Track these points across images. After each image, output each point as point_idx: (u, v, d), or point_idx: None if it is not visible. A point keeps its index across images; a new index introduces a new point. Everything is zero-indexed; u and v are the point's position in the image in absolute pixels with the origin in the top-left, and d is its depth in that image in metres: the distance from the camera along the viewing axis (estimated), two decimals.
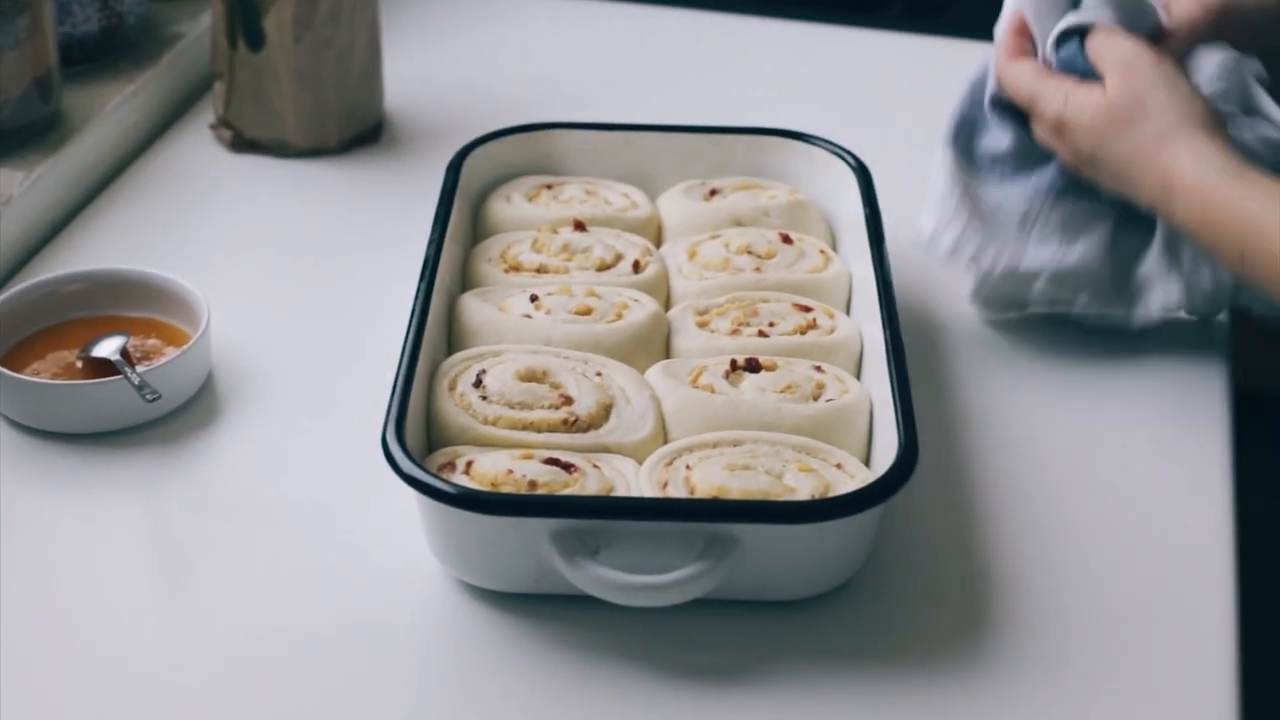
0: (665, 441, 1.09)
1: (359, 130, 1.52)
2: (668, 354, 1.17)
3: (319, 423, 1.19)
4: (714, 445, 1.06)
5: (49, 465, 1.14)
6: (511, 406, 1.08)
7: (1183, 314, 1.24)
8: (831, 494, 1.02)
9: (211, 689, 0.98)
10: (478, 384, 1.09)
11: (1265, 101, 1.22)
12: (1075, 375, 1.24)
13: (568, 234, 1.25)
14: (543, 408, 1.08)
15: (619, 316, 1.17)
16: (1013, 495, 1.12)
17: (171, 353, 1.18)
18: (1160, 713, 0.98)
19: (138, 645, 1.01)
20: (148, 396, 1.12)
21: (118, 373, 1.15)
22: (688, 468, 1.04)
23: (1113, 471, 1.15)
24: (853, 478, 1.04)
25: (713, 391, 1.10)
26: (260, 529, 1.09)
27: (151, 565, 1.07)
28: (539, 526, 0.98)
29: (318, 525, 1.09)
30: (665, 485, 1.03)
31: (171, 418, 1.18)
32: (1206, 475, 1.14)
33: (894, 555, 1.07)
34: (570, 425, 1.07)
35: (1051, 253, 1.21)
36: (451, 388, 1.10)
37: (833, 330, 1.17)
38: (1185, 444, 1.17)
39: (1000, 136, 1.23)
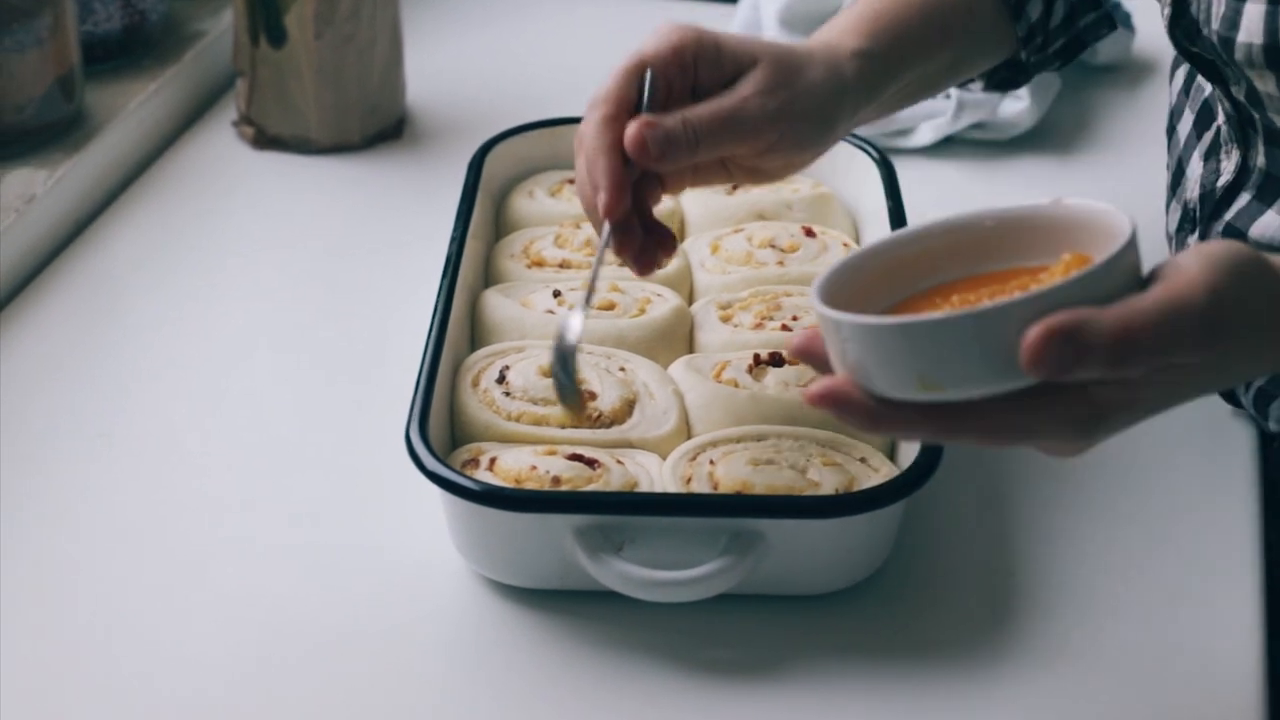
0: (689, 437, 1.08)
1: (381, 126, 1.52)
2: (691, 349, 1.17)
3: (342, 420, 1.19)
4: (738, 440, 1.06)
5: None
6: (534, 402, 1.08)
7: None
8: (856, 489, 1.01)
9: (232, 686, 0.98)
10: (501, 380, 1.09)
11: None
12: None
13: (590, 229, 1.25)
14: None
15: (642, 311, 1.17)
16: (1038, 488, 1.12)
17: None
18: (1187, 705, 0.97)
19: (154, 642, 1.01)
20: None
21: None
22: (711, 463, 1.04)
23: (1141, 463, 1.14)
24: (877, 472, 1.03)
25: (736, 386, 1.10)
26: (282, 525, 1.09)
27: (167, 561, 1.07)
28: (563, 523, 0.98)
29: (341, 522, 1.10)
30: (689, 481, 1.03)
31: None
32: (1234, 465, 1.14)
33: (918, 549, 1.07)
34: (594, 421, 1.07)
35: None
36: (474, 384, 1.10)
37: None
38: (1213, 434, 1.16)
39: None
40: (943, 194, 1.43)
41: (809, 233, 1.25)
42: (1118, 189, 1.41)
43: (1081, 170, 1.48)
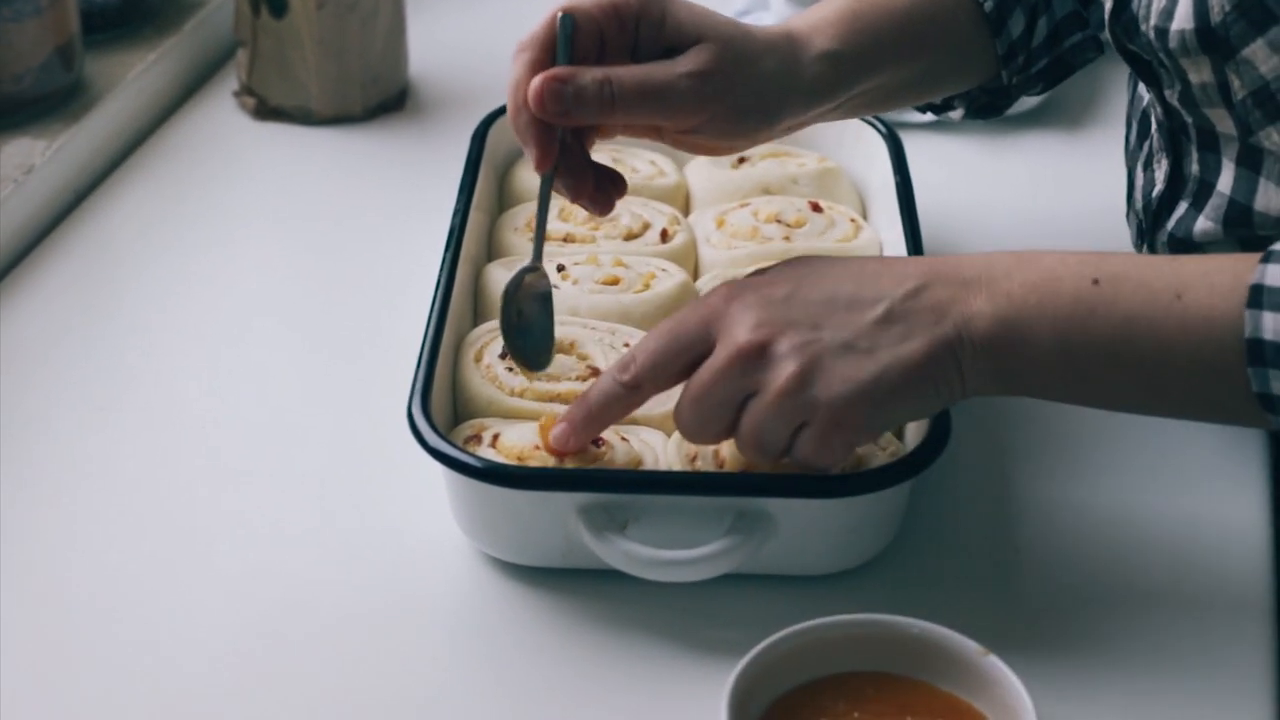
0: None
1: (383, 98, 1.51)
2: None
3: (342, 394, 1.18)
4: None
5: None
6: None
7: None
8: (863, 468, 1.00)
9: (232, 662, 0.97)
10: (504, 355, 1.08)
11: None
12: None
13: None
14: (570, 379, 1.07)
15: (646, 286, 1.16)
16: (1046, 469, 1.11)
17: None
18: (1194, 694, 0.96)
19: (155, 617, 1.00)
20: None
21: None
22: None
23: (1149, 448, 1.13)
24: (884, 450, 1.03)
25: None
26: (282, 502, 1.09)
27: (168, 536, 1.06)
28: (566, 500, 0.97)
29: (342, 498, 1.09)
30: (694, 459, 1.02)
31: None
32: (1245, 455, 1.13)
33: (925, 529, 1.06)
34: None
35: None
36: (477, 359, 1.09)
37: None
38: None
39: None
40: (950, 169, 1.42)
41: (815, 208, 1.24)
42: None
43: (1089, 147, 1.47)
